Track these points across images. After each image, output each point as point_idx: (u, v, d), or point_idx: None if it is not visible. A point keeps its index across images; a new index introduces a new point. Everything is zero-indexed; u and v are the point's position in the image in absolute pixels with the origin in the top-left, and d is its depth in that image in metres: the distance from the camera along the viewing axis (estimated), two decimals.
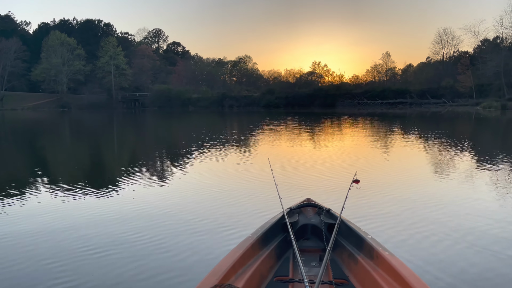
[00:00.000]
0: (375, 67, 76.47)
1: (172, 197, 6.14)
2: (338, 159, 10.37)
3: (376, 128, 21.83)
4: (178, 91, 67.54)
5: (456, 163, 9.25)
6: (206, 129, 20.87)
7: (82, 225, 4.73)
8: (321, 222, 3.32)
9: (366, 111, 43.66)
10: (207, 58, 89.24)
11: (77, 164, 10.33)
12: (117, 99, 72.09)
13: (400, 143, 14.19)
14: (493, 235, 4.24)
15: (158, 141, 16.72)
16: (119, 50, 73.95)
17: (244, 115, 41.45)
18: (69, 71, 72.91)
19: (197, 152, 11.46)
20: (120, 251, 3.90)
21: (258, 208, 5.32)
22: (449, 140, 13.95)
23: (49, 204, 5.74)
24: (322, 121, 27.09)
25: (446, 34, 65.80)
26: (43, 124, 30.51)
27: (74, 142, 17.27)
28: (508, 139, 15.84)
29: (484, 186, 6.59)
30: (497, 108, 37.86)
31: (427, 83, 60.59)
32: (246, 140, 15.31)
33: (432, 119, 29.17)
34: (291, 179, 7.26)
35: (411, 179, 7.37)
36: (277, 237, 3.16)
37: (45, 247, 4.03)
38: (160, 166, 9.55)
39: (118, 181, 7.40)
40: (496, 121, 25.97)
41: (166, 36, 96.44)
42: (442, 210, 5.21)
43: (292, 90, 65.41)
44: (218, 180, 7.51)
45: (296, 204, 3.63)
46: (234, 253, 2.57)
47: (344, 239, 3.09)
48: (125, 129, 25.68)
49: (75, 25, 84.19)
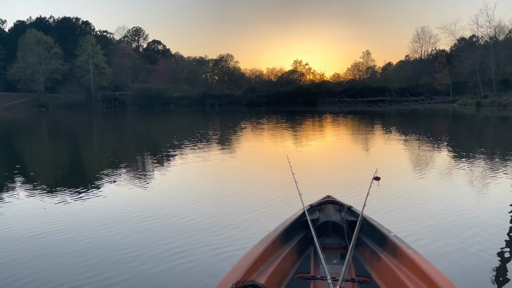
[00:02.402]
0: (355, 65, 77.50)
1: (190, 196, 6.13)
2: (343, 154, 10.50)
3: (358, 124, 22.13)
4: (159, 90, 66.87)
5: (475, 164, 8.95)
6: (202, 129, 20.74)
7: (64, 229, 4.67)
8: (342, 219, 3.27)
9: (347, 109, 44.16)
10: (188, 57, 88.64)
11: (54, 167, 10.13)
12: (96, 98, 70.87)
13: (399, 140, 14.43)
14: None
15: (140, 140, 16.55)
16: (98, 48, 72.64)
17: (227, 114, 41.38)
18: (46, 70, 71.22)
19: (211, 149, 11.41)
20: (140, 251, 3.87)
21: (277, 205, 5.35)
22: (456, 141, 14.26)
23: (20, 209, 5.64)
24: (314, 119, 27.28)
25: (424, 33, 67.13)
26: (18, 125, 29.76)
27: (50, 143, 16.92)
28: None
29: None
30: (472, 105, 38.87)
31: (406, 81, 61.74)
32: (246, 138, 15.31)
33: (416, 117, 29.70)
34: (309, 175, 7.26)
35: (435, 179, 7.13)
36: (298, 234, 3.14)
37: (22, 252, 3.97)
38: (165, 166, 9.46)
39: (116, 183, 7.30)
40: (473, 118, 26.66)
41: (146, 34, 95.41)
42: (471, 210, 5.05)
43: (274, 88, 65.67)
44: (239, 175, 7.65)
45: (317, 201, 3.59)
46: (255, 250, 2.57)
47: (366, 237, 3.05)
48: (106, 129, 25.31)
49: (52, 23, 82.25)
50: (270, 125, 22.66)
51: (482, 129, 19.35)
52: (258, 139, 15.13)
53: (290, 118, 28.02)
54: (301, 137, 15.85)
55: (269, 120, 26.59)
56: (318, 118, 28.56)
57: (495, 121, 23.90)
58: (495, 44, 48.39)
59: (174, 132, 19.31)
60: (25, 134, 20.65)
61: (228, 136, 16.84)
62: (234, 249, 3.82)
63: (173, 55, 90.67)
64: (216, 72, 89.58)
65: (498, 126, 21.10)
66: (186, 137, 15.71)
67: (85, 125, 28.70)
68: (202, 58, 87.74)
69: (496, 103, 35.66)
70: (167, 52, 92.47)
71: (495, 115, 27.24)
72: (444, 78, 51.95)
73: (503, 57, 48.18)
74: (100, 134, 21.09)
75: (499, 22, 52.79)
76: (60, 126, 28.37)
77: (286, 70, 78.62)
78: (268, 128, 20.52)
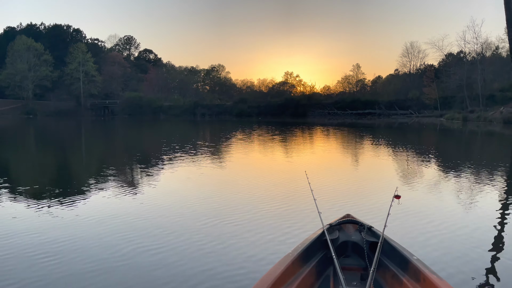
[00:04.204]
0: (345, 78, 78.35)
1: (201, 212, 5.88)
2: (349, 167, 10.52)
3: (355, 138, 22.27)
4: (149, 98, 66.75)
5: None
6: (199, 139, 20.61)
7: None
8: (362, 239, 3.21)
9: (336, 121, 44.50)
10: (179, 66, 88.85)
11: (40, 176, 10.00)
12: (85, 106, 70.43)
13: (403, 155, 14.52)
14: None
15: (128, 149, 16.42)
16: (88, 56, 72.36)
17: (218, 123, 41.36)
18: (35, 77, 70.57)
19: (232, 161, 11.34)
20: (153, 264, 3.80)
21: (296, 221, 5.15)
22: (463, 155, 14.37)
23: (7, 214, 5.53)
24: (307, 131, 27.39)
25: (412, 48, 68.33)
26: (4, 132, 29.34)
27: (37, 152, 16.71)
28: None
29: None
30: (459, 119, 39.50)
31: (395, 94, 62.61)
32: (260, 150, 15.27)
33: (407, 130, 29.92)
34: (326, 192, 6.96)
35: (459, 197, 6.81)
36: (317, 254, 3.08)
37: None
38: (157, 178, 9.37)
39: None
40: (464, 133, 27.03)
41: (138, 43, 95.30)
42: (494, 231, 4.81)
43: (265, 99, 66.09)
44: (255, 191, 7.19)
45: (336, 220, 3.51)
46: (275, 270, 2.54)
47: (388, 259, 2.96)
48: (94, 137, 25.08)
49: (43, 30, 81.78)
50: (266, 136, 22.67)
51: (486, 144, 19.18)
52: (257, 151, 15.12)
53: (285, 130, 28.04)
54: (303, 150, 15.87)
55: (262, 132, 26.62)
56: (309, 131, 28.67)
57: (486, 136, 24.25)
58: (482, 60, 49.37)
59: (165, 141, 19.21)
60: (10, 142, 20.35)
61: (234, 148, 16.79)
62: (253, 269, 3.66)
63: (164, 64, 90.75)
64: (207, 82, 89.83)
65: (498, 141, 21.34)
66: (185, 146, 15.63)
67: (72, 133, 28.41)
68: (193, 68, 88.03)
69: (482, 118, 36.27)
70: (159, 61, 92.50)
71: (481, 130, 27.67)
72: (432, 92, 52.81)
73: (489, 73, 49.20)
74: (88, 143, 20.87)
75: (486, 39, 54.03)
76: (47, 134, 28.03)
77: (277, 81, 79.25)
78: (264, 140, 20.52)
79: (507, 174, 9.32)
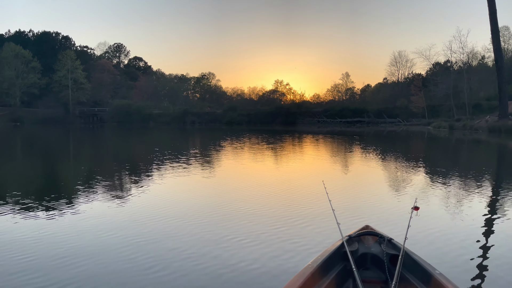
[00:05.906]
0: (335, 86, 79.04)
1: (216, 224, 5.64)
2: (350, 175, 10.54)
3: (351, 146, 22.40)
4: (138, 106, 66.47)
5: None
6: (198, 146, 20.51)
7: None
8: (382, 252, 3.13)
9: (326, 129, 44.75)
10: (169, 74, 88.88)
11: (23, 186, 9.86)
12: (74, 113, 69.83)
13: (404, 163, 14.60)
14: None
15: (114, 157, 16.30)
16: (77, 63, 71.89)
17: (208, 131, 41.29)
18: (23, 84, 69.86)
19: (239, 168, 11.28)
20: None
21: (316, 233, 5.06)
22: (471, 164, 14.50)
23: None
24: (300, 139, 27.47)
25: (400, 57, 69.22)
26: None
27: (22, 160, 16.50)
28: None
29: None
30: (446, 128, 40.05)
31: (384, 103, 63.33)
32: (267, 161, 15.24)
33: (398, 139, 30.11)
34: (343, 201, 6.84)
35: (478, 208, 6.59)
36: (337, 266, 3.04)
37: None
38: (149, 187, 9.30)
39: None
40: (447, 140, 27.37)
41: (128, 51, 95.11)
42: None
43: (255, 107, 66.29)
44: (272, 202, 7.07)
45: (355, 232, 3.45)
46: (295, 282, 2.51)
47: (409, 272, 2.89)
48: (83, 144, 24.83)
49: (32, 37, 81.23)
50: (262, 146, 22.68)
51: (491, 154, 19.03)
52: (265, 160, 15.11)
53: (280, 138, 28.04)
54: (305, 159, 15.90)
55: (257, 140, 26.64)
56: (304, 139, 28.76)
57: (475, 144, 24.59)
58: (468, 69, 50.25)
59: (156, 148, 19.11)
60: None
61: (240, 159, 16.75)
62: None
63: (154, 72, 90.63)
64: (197, 90, 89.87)
65: (496, 150, 21.58)
66: (180, 155, 15.56)
67: (59, 141, 28.10)
68: (183, 76, 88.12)
69: (468, 127, 36.81)
70: (149, 69, 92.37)
71: (467, 138, 28.05)
72: (419, 101, 53.54)
73: (475, 82, 50.07)
74: (76, 151, 20.66)
75: (472, 49, 55.19)
76: (34, 142, 27.69)
77: (267, 89, 79.61)
78: (261, 149, 20.53)
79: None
